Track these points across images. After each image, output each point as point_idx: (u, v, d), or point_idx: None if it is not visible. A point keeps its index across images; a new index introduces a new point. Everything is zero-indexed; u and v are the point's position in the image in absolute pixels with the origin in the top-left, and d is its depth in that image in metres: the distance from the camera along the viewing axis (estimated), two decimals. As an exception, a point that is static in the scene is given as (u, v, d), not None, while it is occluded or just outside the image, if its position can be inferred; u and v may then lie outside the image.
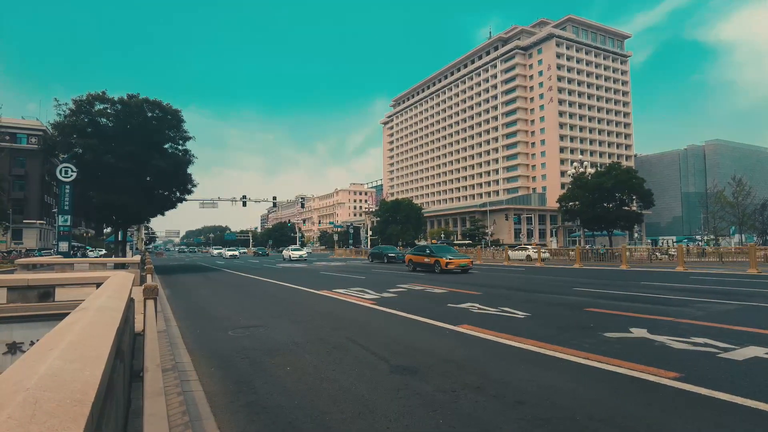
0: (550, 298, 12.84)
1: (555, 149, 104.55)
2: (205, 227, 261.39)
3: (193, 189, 38.51)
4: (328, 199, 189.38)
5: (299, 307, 11.98)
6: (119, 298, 3.69)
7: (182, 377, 5.38)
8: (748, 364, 5.66)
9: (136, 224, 54.88)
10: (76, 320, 2.38)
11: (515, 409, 4.31)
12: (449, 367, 5.79)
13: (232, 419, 4.25)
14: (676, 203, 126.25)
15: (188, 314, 11.07)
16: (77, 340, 1.85)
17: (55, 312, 6.54)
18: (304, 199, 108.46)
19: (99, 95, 33.02)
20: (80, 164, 28.82)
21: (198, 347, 7.30)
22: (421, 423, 4.02)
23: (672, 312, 9.68)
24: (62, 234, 25.37)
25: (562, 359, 6.06)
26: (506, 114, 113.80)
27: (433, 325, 8.77)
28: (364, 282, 18.60)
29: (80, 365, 1.49)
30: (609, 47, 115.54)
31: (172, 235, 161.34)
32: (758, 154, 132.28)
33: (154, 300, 5.65)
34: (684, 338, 7.05)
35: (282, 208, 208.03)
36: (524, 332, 7.77)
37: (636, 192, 43.07)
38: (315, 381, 5.34)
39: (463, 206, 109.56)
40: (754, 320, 8.70)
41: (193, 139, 36.88)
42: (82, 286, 8.16)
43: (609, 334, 7.53)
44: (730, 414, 4.12)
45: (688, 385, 4.85)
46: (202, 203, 57.07)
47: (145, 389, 2.19)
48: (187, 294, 16.05)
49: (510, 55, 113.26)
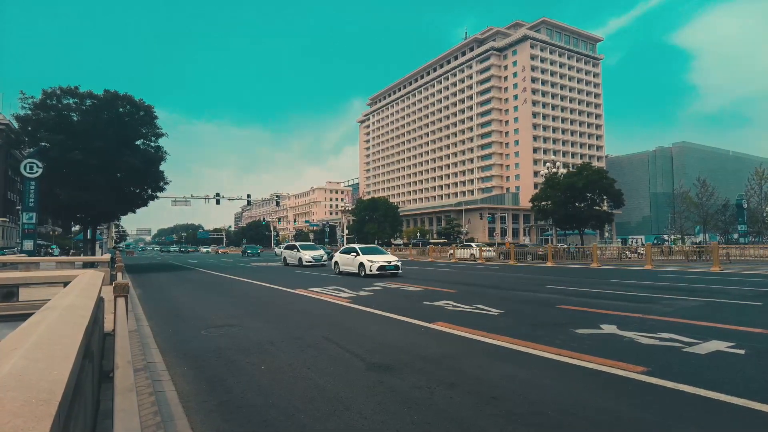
0: (523, 295, 13.06)
1: (528, 149, 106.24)
2: (177, 225, 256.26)
3: (165, 186, 37.81)
4: (303, 198, 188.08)
5: (274, 306, 11.87)
6: (88, 297, 3.59)
7: (154, 377, 5.28)
8: (710, 358, 5.88)
9: (106, 222, 53.50)
10: (42, 319, 2.30)
11: (490, 404, 4.37)
12: (424, 364, 5.83)
13: (205, 419, 4.19)
14: (646, 203, 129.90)
15: (160, 314, 10.84)
16: (43, 340, 1.79)
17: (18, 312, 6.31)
18: (279, 197, 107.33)
19: (70, 89, 32.05)
20: (47, 160, 27.93)
21: (170, 347, 7.16)
22: (396, 419, 4.04)
23: (640, 308, 9.96)
24: (27, 232, 24.55)
25: (535, 355, 6.17)
26: (481, 114, 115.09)
27: (408, 322, 8.81)
28: (340, 280, 18.55)
29: (46, 365, 1.44)
30: (582, 50, 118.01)
31: (144, 234, 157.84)
32: (722, 157, 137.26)
33: (125, 298, 5.51)
34: (651, 333, 7.26)
35: (257, 206, 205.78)
36: (498, 329, 7.87)
37: (607, 192, 44.11)
38: (290, 379, 5.31)
39: (438, 205, 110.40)
40: (716, 316, 9.02)
41: (166, 135, 36.24)
42: (49, 286, 7.90)
43: (580, 330, 7.70)
44: (693, 405, 4.27)
45: (655, 379, 5.00)
46: (174, 201, 55.99)
47: (116, 386, 2.14)
48: (159, 293, 15.71)
49: (485, 56, 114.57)
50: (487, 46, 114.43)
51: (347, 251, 23.84)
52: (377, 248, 24.49)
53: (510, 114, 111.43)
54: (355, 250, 23.05)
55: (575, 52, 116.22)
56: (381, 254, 22.71)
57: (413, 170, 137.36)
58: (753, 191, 53.38)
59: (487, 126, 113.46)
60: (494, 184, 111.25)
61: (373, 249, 23.91)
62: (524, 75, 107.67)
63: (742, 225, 47.83)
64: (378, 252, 23.20)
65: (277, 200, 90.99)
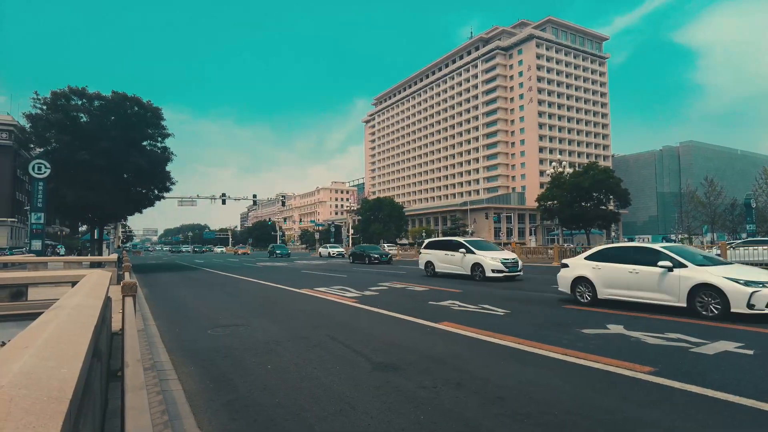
0: (529, 295, 13.02)
1: (534, 149, 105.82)
2: (183, 225, 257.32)
3: (171, 187, 38.00)
4: (309, 198, 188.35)
5: (280, 305, 11.91)
6: (96, 297, 3.62)
7: (161, 376, 5.30)
8: (718, 358, 5.83)
9: (113, 222, 53.80)
10: (51, 318, 2.33)
11: (495, 404, 4.37)
12: (430, 363, 5.83)
13: (212, 418, 4.21)
14: (652, 203, 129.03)
15: (167, 313, 10.90)
16: (53, 339, 1.81)
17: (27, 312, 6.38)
18: (284, 197, 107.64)
19: (78, 90, 32.30)
20: (55, 160, 28.13)
21: (177, 346, 7.20)
22: (402, 419, 4.04)
23: (648, 308, 9.89)
24: (35, 232, 24.72)
25: (541, 355, 6.15)
26: (487, 114, 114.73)
27: (414, 322, 8.81)
28: (346, 281, 18.57)
29: (56, 363, 1.46)
30: (588, 49, 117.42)
31: (150, 234, 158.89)
32: (730, 156, 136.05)
33: (132, 297, 5.55)
34: (659, 334, 7.22)
35: (262, 206, 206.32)
36: (504, 329, 7.86)
37: (613, 192, 43.94)
38: (296, 379, 5.32)
39: (444, 205, 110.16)
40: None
41: (173, 136, 36.41)
42: (57, 285, 7.97)
43: (586, 330, 7.67)
44: (701, 406, 4.24)
45: (662, 379, 4.97)
46: (180, 201, 56.15)
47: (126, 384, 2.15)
48: (166, 293, 15.79)
49: (491, 55, 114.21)
50: (493, 46, 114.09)
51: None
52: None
53: (516, 113, 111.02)
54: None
55: (581, 51, 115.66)
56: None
57: (418, 170, 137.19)
58: (761, 190, 52.92)
59: (493, 125, 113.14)
60: (500, 184, 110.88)
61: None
62: (530, 74, 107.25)
63: (750, 224, 47.39)
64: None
65: (283, 200, 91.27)
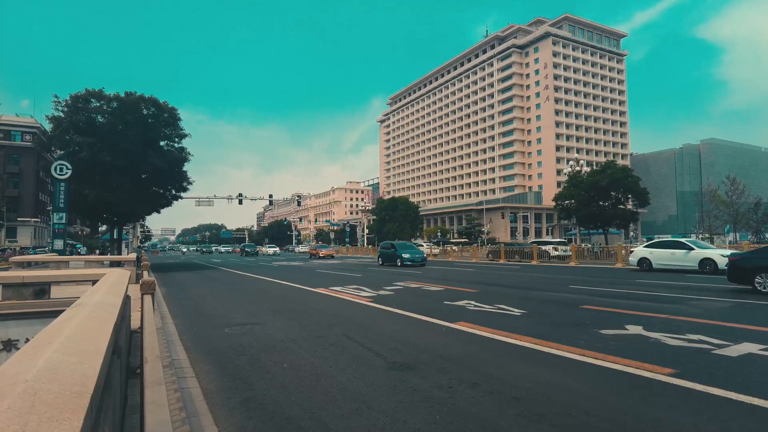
0: (545, 295, 12.88)
1: (551, 148, 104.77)
2: (201, 225, 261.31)
3: (188, 187, 38.50)
4: (324, 197, 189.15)
5: (296, 304, 11.98)
6: (116, 295, 3.68)
7: (179, 374, 5.38)
8: (742, 361, 5.70)
9: (132, 222, 54.68)
10: (73, 316, 2.37)
11: (511, 404, 4.33)
12: (446, 363, 5.81)
13: (229, 415, 4.25)
14: (672, 202, 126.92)
15: (184, 312, 11.05)
16: (75, 335, 1.84)
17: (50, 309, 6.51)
18: (300, 197, 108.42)
19: (96, 92, 32.90)
20: (76, 161, 28.71)
21: (194, 344, 7.30)
22: (418, 418, 4.03)
23: (667, 309, 9.72)
24: (57, 232, 25.28)
25: (558, 356, 6.08)
26: (503, 112, 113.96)
27: (429, 322, 8.78)
28: (361, 280, 18.60)
29: (78, 359, 1.49)
30: (605, 46, 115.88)
31: (168, 234, 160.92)
32: (753, 153, 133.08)
33: (151, 295, 5.64)
34: (679, 335, 7.09)
35: (278, 206, 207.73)
36: (520, 329, 7.79)
37: (631, 190, 43.26)
38: (312, 378, 5.35)
39: (459, 204, 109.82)
40: (748, 317, 8.76)
41: (189, 136, 36.88)
42: (78, 284, 8.14)
43: (605, 331, 7.56)
44: (725, 409, 4.15)
45: (683, 381, 4.88)
46: (198, 201, 56.91)
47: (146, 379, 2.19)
48: (183, 292, 16.01)
49: (507, 53, 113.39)
50: (509, 44, 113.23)
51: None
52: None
53: (532, 112, 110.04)
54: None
55: (599, 49, 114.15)
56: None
57: (433, 169, 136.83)
58: (787, 189, 51.61)
59: (509, 124, 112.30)
60: (516, 183, 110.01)
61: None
62: (546, 72, 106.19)
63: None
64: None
65: (299, 200, 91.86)
